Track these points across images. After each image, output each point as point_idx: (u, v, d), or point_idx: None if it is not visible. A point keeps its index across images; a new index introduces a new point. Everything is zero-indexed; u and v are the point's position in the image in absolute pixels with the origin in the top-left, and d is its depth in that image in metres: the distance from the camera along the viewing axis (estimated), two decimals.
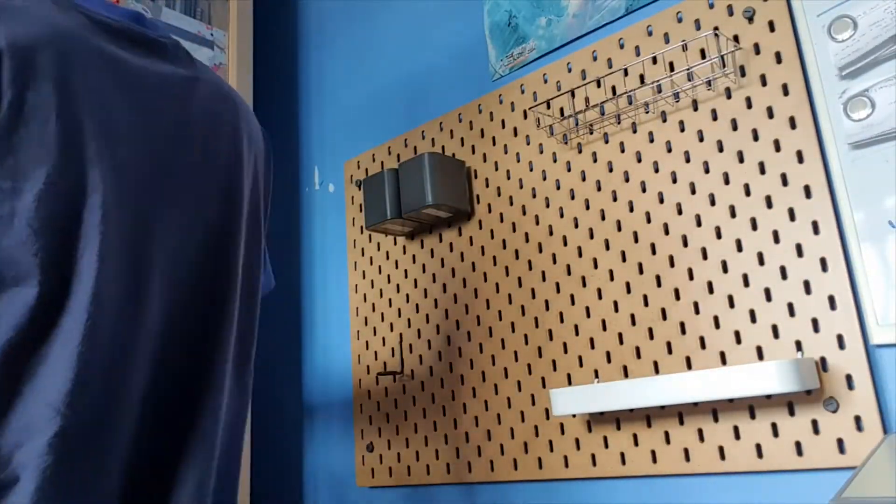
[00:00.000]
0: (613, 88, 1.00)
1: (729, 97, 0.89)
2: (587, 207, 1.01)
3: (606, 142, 1.00)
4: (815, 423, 0.78)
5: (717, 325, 0.86)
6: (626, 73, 0.99)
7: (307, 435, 1.39)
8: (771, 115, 0.85)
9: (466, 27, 1.24)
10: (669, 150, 0.94)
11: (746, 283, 0.85)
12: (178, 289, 0.64)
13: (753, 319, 0.84)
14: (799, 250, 0.81)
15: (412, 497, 1.17)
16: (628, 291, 0.94)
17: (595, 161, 1.01)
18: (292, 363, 1.43)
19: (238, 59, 1.49)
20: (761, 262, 0.84)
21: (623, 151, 0.98)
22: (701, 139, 0.91)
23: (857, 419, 0.75)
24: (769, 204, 0.84)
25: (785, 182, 0.84)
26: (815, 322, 0.79)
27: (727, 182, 0.88)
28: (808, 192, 0.82)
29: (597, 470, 0.94)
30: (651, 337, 0.91)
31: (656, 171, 0.94)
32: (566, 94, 1.03)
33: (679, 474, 0.88)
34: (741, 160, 0.87)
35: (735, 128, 0.88)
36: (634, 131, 0.98)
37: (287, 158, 1.54)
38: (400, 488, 1.19)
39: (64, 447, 0.51)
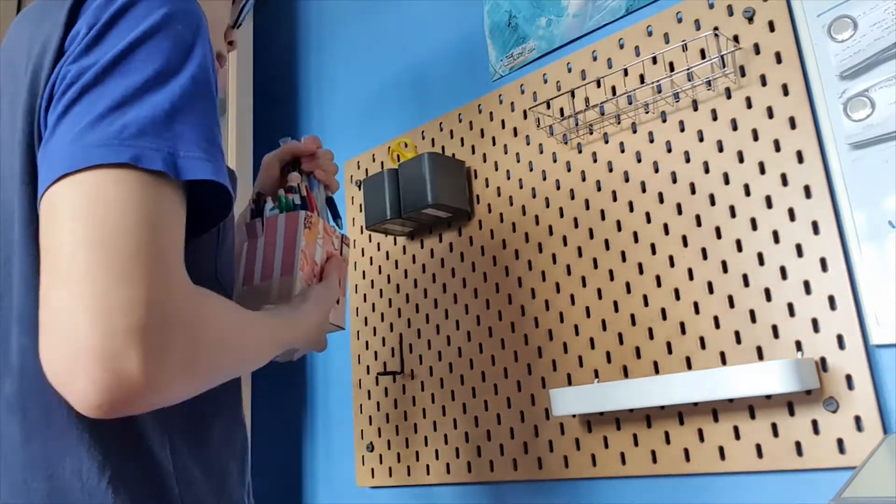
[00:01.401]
0: (613, 88, 1.00)
1: (729, 97, 0.89)
2: (587, 207, 1.01)
3: (606, 142, 1.00)
4: (815, 423, 0.78)
5: (717, 325, 0.86)
6: (626, 73, 0.99)
7: (307, 435, 1.39)
8: (771, 115, 0.85)
9: (466, 27, 1.24)
10: (669, 150, 0.94)
11: (746, 283, 0.85)
12: None
13: (753, 319, 0.84)
14: (799, 250, 0.82)
15: (412, 497, 1.17)
16: (628, 291, 0.94)
17: (595, 161, 1.01)
18: (292, 363, 1.43)
19: (238, 58, 1.49)
20: (761, 262, 0.84)
21: (623, 151, 0.98)
22: (701, 139, 0.91)
23: (857, 419, 0.75)
24: (769, 204, 0.84)
25: (785, 182, 0.84)
26: (815, 322, 0.79)
27: (727, 182, 0.88)
28: (808, 192, 0.82)
29: (597, 470, 0.94)
30: (651, 337, 0.91)
31: (656, 171, 0.94)
32: (566, 95, 1.03)
33: (679, 474, 0.88)
34: (741, 160, 0.87)
35: (735, 128, 0.88)
36: (634, 131, 0.98)
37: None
38: (400, 488, 1.19)
39: None
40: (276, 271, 0.77)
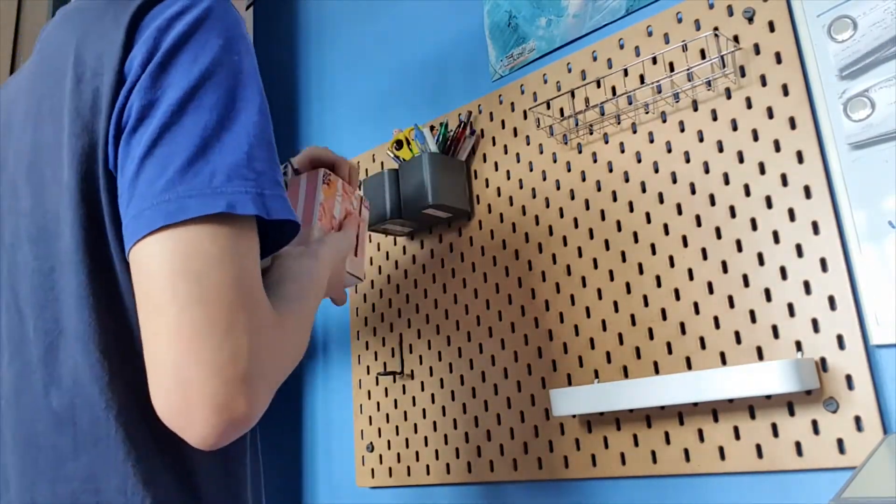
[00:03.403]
0: (613, 89, 1.00)
1: (729, 97, 0.89)
2: (587, 207, 1.01)
3: (606, 142, 1.00)
4: (815, 423, 0.78)
5: (717, 325, 0.86)
6: (626, 73, 0.99)
7: (307, 435, 1.39)
8: (771, 116, 0.86)
9: (466, 28, 1.24)
10: (669, 151, 0.94)
11: (746, 283, 0.85)
12: None
13: (753, 319, 0.84)
14: (799, 250, 0.82)
15: (412, 497, 1.17)
16: (628, 291, 0.94)
17: (595, 161, 1.01)
18: None
19: None
20: (761, 262, 0.84)
21: (623, 152, 0.98)
22: (701, 139, 0.91)
23: (857, 419, 0.75)
24: (769, 204, 0.84)
25: (785, 182, 0.84)
26: (815, 322, 0.79)
27: (727, 182, 0.88)
28: (808, 192, 0.82)
29: (597, 470, 0.94)
30: (651, 337, 0.91)
31: (656, 171, 0.94)
32: (566, 95, 1.03)
33: (679, 474, 0.88)
34: (741, 160, 0.87)
35: (735, 128, 0.88)
36: (634, 132, 0.98)
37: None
38: (400, 488, 1.19)
39: None
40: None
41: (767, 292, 0.83)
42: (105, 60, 0.54)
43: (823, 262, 0.80)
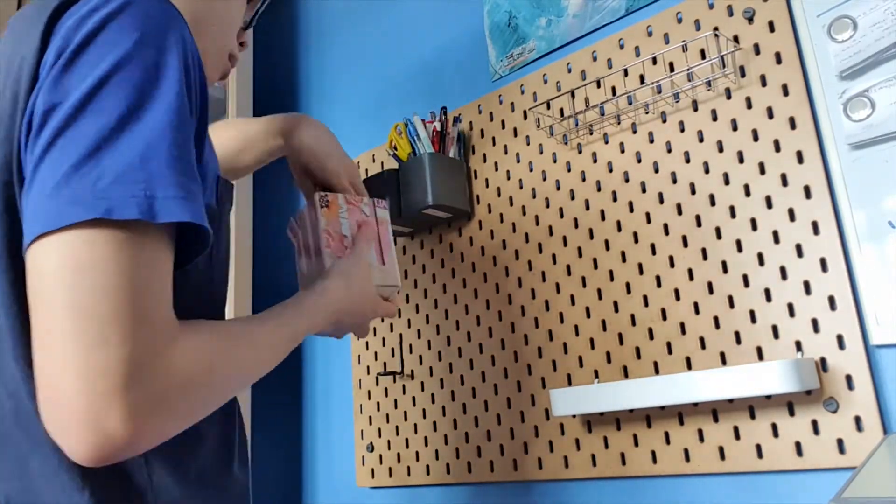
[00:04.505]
0: (613, 89, 1.00)
1: (729, 97, 0.89)
2: (587, 207, 1.01)
3: (606, 142, 1.00)
4: (815, 423, 0.78)
5: (717, 325, 0.86)
6: (625, 73, 0.99)
7: (307, 435, 1.39)
8: (771, 116, 0.86)
9: (466, 28, 1.24)
10: (669, 151, 0.94)
11: (746, 284, 0.85)
12: None
13: (753, 319, 0.84)
14: (799, 250, 0.82)
15: (412, 497, 1.17)
16: (628, 292, 0.94)
17: (595, 161, 1.01)
18: (291, 363, 1.43)
19: (238, 59, 1.49)
20: (761, 262, 0.84)
21: (623, 152, 0.98)
22: (701, 139, 0.91)
23: (857, 419, 0.75)
24: (769, 204, 0.84)
25: (785, 182, 0.84)
26: (815, 322, 0.79)
27: (727, 182, 0.88)
28: (808, 192, 0.82)
29: (597, 470, 0.94)
30: (651, 337, 0.91)
31: (656, 171, 0.94)
32: (566, 95, 1.03)
33: (679, 474, 0.88)
34: (741, 160, 0.87)
35: (735, 128, 0.88)
36: (634, 132, 0.98)
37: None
38: (400, 488, 1.19)
39: None
40: (313, 255, 0.84)
41: (767, 292, 0.83)
42: (24, 64, 0.53)
43: (823, 262, 0.80)
